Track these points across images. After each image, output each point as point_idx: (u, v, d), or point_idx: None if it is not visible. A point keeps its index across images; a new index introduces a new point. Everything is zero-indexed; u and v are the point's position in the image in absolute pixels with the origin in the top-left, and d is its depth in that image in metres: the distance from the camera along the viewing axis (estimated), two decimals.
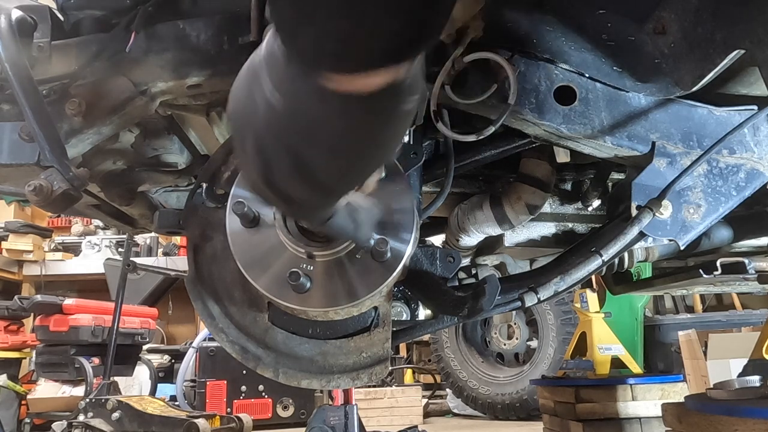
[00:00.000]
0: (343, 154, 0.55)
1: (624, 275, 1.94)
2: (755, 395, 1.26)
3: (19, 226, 5.53)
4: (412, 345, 6.39)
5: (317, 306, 0.86)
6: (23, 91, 0.99)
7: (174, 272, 1.19)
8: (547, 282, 1.05)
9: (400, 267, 0.85)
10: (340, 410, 2.18)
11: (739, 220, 1.38)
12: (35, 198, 0.99)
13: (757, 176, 1.09)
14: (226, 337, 0.97)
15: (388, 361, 0.94)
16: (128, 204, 1.43)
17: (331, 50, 0.46)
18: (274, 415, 4.27)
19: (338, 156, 0.55)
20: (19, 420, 3.98)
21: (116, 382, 3.12)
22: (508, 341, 4.60)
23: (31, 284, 5.99)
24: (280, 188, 0.58)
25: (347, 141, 0.54)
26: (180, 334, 6.50)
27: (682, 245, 1.05)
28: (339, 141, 0.53)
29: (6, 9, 1.05)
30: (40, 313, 3.73)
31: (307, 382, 0.94)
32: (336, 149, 0.54)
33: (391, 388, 4.54)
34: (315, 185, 0.57)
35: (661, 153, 1.07)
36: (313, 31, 0.44)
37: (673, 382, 2.45)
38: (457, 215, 1.47)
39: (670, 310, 4.91)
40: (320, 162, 0.55)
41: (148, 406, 2.80)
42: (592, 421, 2.35)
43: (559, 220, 1.48)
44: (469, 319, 1.06)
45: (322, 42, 0.45)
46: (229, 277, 0.98)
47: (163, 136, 1.38)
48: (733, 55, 0.98)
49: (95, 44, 1.11)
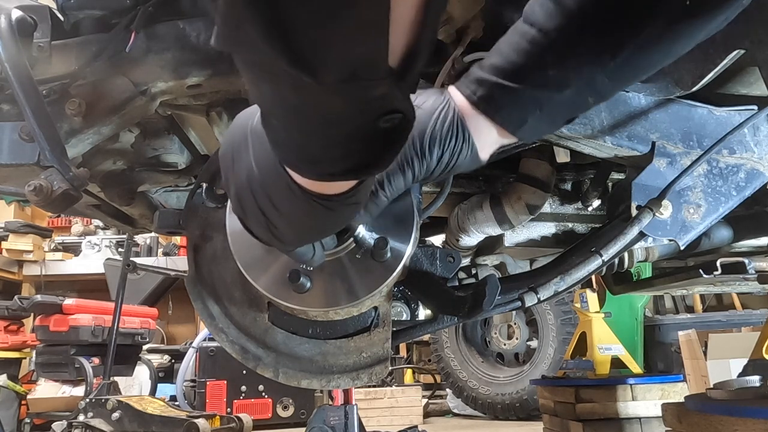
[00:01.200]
0: (299, 228, 0.68)
1: (624, 275, 1.94)
2: (755, 395, 1.26)
3: (19, 226, 5.52)
4: (412, 345, 6.39)
5: (317, 306, 0.86)
6: (23, 91, 0.99)
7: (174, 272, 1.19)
8: (547, 282, 1.05)
9: (400, 267, 0.85)
10: (340, 410, 2.18)
11: (739, 220, 1.38)
12: (35, 198, 0.99)
13: (757, 176, 1.09)
14: (226, 337, 0.97)
15: (388, 361, 0.94)
16: (128, 204, 1.43)
17: (294, 160, 0.56)
18: (274, 415, 4.27)
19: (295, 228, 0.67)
20: (19, 420, 3.98)
21: (116, 382, 3.12)
22: (508, 341, 4.60)
23: (31, 284, 5.99)
24: (251, 230, 0.71)
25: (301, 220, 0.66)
26: (180, 334, 6.50)
27: (682, 245, 1.05)
28: (297, 219, 0.65)
29: (6, 9, 1.05)
30: (40, 313, 3.72)
31: (307, 382, 0.94)
32: (294, 224, 0.67)
33: (391, 388, 4.54)
34: (277, 239, 0.69)
35: (661, 153, 1.07)
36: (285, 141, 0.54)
37: (673, 382, 2.45)
38: (457, 215, 1.46)
39: (670, 310, 4.91)
40: (282, 226, 0.66)
41: (148, 406, 2.80)
42: (592, 421, 2.35)
43: (559, 220, 1.48)
44: (469, 319, 1.06)
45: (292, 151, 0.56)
46: (229, 277, 0.98)
47: (163, 136, 1.38)
48: (733, 55, 0.98)
49: (95, 44, 1.11)
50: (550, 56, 0.73)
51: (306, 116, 0.48)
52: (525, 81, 0.74)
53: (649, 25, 0.72)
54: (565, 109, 0.79)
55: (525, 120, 0.77)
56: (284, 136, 0.54)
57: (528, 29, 0.74)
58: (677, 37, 0.75)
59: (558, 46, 0.73)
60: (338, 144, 0.51)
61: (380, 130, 0.50)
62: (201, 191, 1.02)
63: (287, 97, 0.47)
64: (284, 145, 0.55)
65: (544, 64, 0.73)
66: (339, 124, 0.48)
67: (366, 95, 0.47)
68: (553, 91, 0.75)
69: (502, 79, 0.75)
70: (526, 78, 0.74)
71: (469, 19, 1.00)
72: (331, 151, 0.52)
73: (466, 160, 0.79)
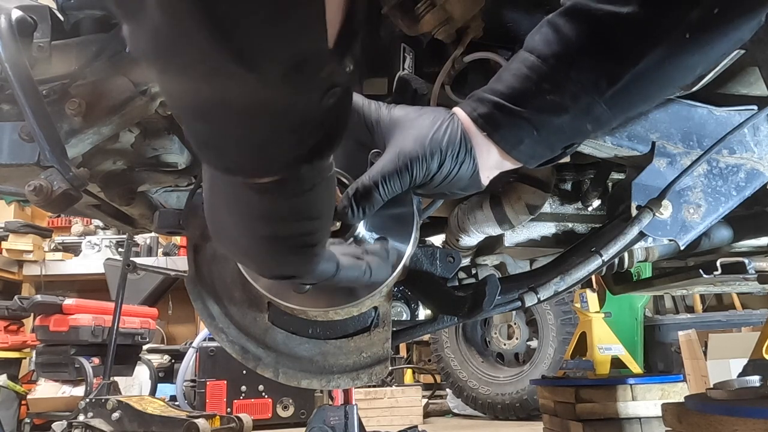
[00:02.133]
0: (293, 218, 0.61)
1: (624, 275, 1.93)
2: (755, 395, 1.26)
3: (19, 226, 5.52)
4: (412, 345, 6.39)
5: (317, 306, 0.86)
6: (23, 91, 0.99)
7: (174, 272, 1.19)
8: (547, 282, 1.05)
9: (400, 267, 0.85)
10: (340, 410, 2.18)
11: (739, 220, 1.38)
12: (35, 198, 0.98)
13: (757, 176, 1.09)
14: (226, 337, 0.97)
15: (388, 361, 0.94)
16: (128, 204, 1.43)
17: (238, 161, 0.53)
18: (274, 415, 4.27)
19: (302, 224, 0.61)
20: (19, 420, 3.97)
21: (116, 382, 3.12)
22: (508, 341, 4.60)
23: (31, 284, 5.98)
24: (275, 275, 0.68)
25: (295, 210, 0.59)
26: (180, 334, 6.50)
27: (682, 245, 1.05)
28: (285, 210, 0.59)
29: (6, 9, 1.05)
30: (40, 313, 3.72)
31: (307, 382, 0.94)
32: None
33: (391, 388, 4.54)
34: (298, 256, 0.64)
35: (661, 153, 1.07)
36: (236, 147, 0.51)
37: (673, 382, 2.45)
38: (457, 215, 1.46)
39: (670, 310, 4.91)
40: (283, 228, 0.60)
41: (148, 406, 2.80)
42: (592, 421, 2.35)
43: (559, 220, 1.48)
44: (469, 319, 1.06)
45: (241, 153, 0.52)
46: (229, 277, 0.98)
47: (163, 136, 1.38)
48: (733, 55, 0.98)
49: (95, 44, 1.11)
50: (548, 82, 0.76)
51: (250, 111, 0.46)
52: (523, 104, 0.77)
53: (646, 56, 0.74)
54: (562, 134, 0.81)
55: (521, 140, 0.79)
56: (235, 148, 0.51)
57: (528, 56, 0.78)
58: (676, 68, 0.77)
59: (555, 72, 0.76)
60: (288, 132, 0.49)
61: (326, 109, 0.49)
62: (201, 191, 1.02)
63: (227, 94, 0.45)
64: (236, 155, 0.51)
65: (542, 89, 0.76)
66: (285, 113, 0.47)
67: (311, 82, 0.46)
68: (550, 115, 0.78)
69: (502, 100, 0.78)
70: (524, 101, 0.77)
71: (469, 19, 1.00)
72: (281, 141, 0.50)
73: (466, 174, 0.80)
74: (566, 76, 0.76)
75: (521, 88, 0.77)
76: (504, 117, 0.78)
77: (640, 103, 0.84)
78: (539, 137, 0.79)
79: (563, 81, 0.76)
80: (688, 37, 0.72)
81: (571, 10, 0.76)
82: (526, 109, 0.77)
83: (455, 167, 0.79)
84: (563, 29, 0.76)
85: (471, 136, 0.79)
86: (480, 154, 0.80)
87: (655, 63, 0.75)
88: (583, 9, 0.74)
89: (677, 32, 0.72)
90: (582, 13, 0.75)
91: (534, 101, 0.77)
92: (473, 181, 0.82)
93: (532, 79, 0.77)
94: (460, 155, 0.78)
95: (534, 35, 0.79)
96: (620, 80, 0.75)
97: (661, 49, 0.73)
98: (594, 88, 0.76)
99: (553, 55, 0.76)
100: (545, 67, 0.76)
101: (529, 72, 0.77)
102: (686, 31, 0.72)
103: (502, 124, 0.79)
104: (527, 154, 0.81)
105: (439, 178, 0.79)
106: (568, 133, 0.81)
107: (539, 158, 0.84)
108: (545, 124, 0.78)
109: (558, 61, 0.76)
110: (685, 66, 0.78)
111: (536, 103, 0.77)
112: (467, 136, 0.79)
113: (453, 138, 0.78)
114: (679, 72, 0.79)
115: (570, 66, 0.75)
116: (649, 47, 0.73)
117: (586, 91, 0.76)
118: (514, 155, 0.81)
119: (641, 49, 0.74)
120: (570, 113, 0.77)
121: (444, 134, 0.78)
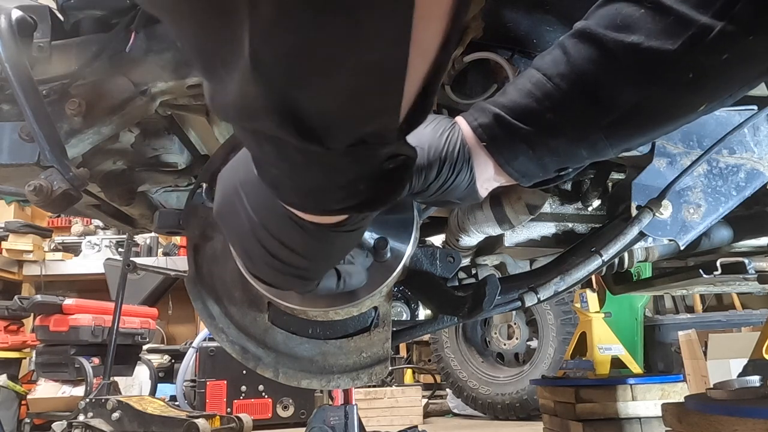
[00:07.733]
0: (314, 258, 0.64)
1: (624, 275, 1.93)
2: (755, 395, 1.26)
3: (19, 226, 5.52)
4: (412, 345, 6.38)
5: (317, 306, 0.86)
6: (23, 91, 0.99)
7: (174, 272, 1.19)
8: (547, 282, 1.05)
9: (400, 267, 0.85)
10: (340, 410, 2.18)
11: (739, 220, 1.38)
12: (35, 198, 0.98)
13: (757, 176, 1.09)
14: (226, 337, 0.96)
15: (388, 361, 0.94)
16: (128, 204, 1.43)
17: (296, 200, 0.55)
18: (274, 415, 4.26)
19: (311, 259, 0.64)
20: (19, 420, 3.97)
21: (116, 382, 3.12)
22: (508, 341, 4.60)
23: (31, 284, 5.98)
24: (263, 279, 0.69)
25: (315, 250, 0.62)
26: (180, 334, 6.50)
27: (682, 245, 1.06)
28: (311, 250, 0.62)
29: (6, 9, 1.05)
30: (40, 313, 3.72)
31: (307, 382, 0.94)
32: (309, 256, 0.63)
33: (391, 388, 4.54)
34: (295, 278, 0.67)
35: (661, 153, 1.07)
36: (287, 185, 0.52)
37: (673, 382, 2.45)
38: (457, 215, 1.46)
39: (670, 310, 4.91)
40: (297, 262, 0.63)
41: (148, 406, 2.80)
42: (592, 421, 2.35)
43: (559, 220, 1.48)
44: (469, 319, 1.06)
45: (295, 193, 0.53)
46: (229, 277, 0.98)
47: (163, 136, 1.38)
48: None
49: (95, 44, 1.11)
50: (548, 101, 0.77)
51: (311, 170, 0.48)
52: (522, 119, 0.78)
53: (647, 92, 0.74)
54: (556, 157, 0.81)
55: (516, 156, 0.80)
56: (287, 183, 0.52)
57: (534, 73, 0.79)
58: (677, 108, 0.78)
59: (557, 92, 0.76)
60: (342, 188, 0.50)
61: (385, 171, 0.50)
62: (201, 191, 1.02)
63: (292, 157, 0.46)
64: (286, 188, 0.53)
65: (542, 108, 0.77)
66: (345, 173, 0.48)
67: (374, 155, 0.47)
68: (546, 135, 0.78)
69: (502, 112, 0.79)
70: (523, 117, 0.78)
71: (469, 19, 1.00)
72: (335, 193, 0.51)
73: (463, 185, 0.81)
74: (567, 98, 0.76)
75: (523, 103, 0.78)
76: (502, 130, 0.79)
77: (639, 136, 0.83)
78: (534, 155, 0.80)
79: (564, 102, 0.76)
80: (691, 77, 0.72)
81: (581, 33, 0.77)
82: (524, 125, 0.78)
83: (452, 177, 0.79)
84: (570, 50, 0.76)
85: (470, 147, 0.80)
86: (478, 166, 0.81)
87: (657, 101, 0.75)
88: (591, 33, 0.75)
89: (680, 70, 0.72)
90: (590, 38, 0.75)
91: (533, 118, 0.78)
92: (470, 191, 0.82)
93: (535, 96, 0.77)
94: (458, 165, 0.79)
95: (544, 54, 0.80)
96: (617, 112, 0.76)
97: (663, 87, 0.74)
98: (592, 115, 0.76)
99: (558, 74, 0.76)
100: (549, 85, 0.77)
101: (532, 88, 0.78)
102: (690, 71, 0.71)
103: (499, 136, 0.79)
104: (520, 171, 0.82)
105: (435, 186, 0.80)
106: (563, 157, 0.82)
107: (531, 177, 0.84)
108: (541, 143, 0.79)
109: (562, 80, 0.76)
110: (688, 104, 0.78)
111: (535, 120, 0.78)
112: (467, 147, 0.79)
113: (452, 147, 0.78)
114: (681, 110, 0.79)
115: (572, 87, 0.76)
116: (651, 85, 0.74)
117: (584, 114, 0.77)
118: (507, 171, 0.82)
119: (642, 84, 0.74)
120: (567, 136, 0.78)
121: (444, 143, 0.78)
